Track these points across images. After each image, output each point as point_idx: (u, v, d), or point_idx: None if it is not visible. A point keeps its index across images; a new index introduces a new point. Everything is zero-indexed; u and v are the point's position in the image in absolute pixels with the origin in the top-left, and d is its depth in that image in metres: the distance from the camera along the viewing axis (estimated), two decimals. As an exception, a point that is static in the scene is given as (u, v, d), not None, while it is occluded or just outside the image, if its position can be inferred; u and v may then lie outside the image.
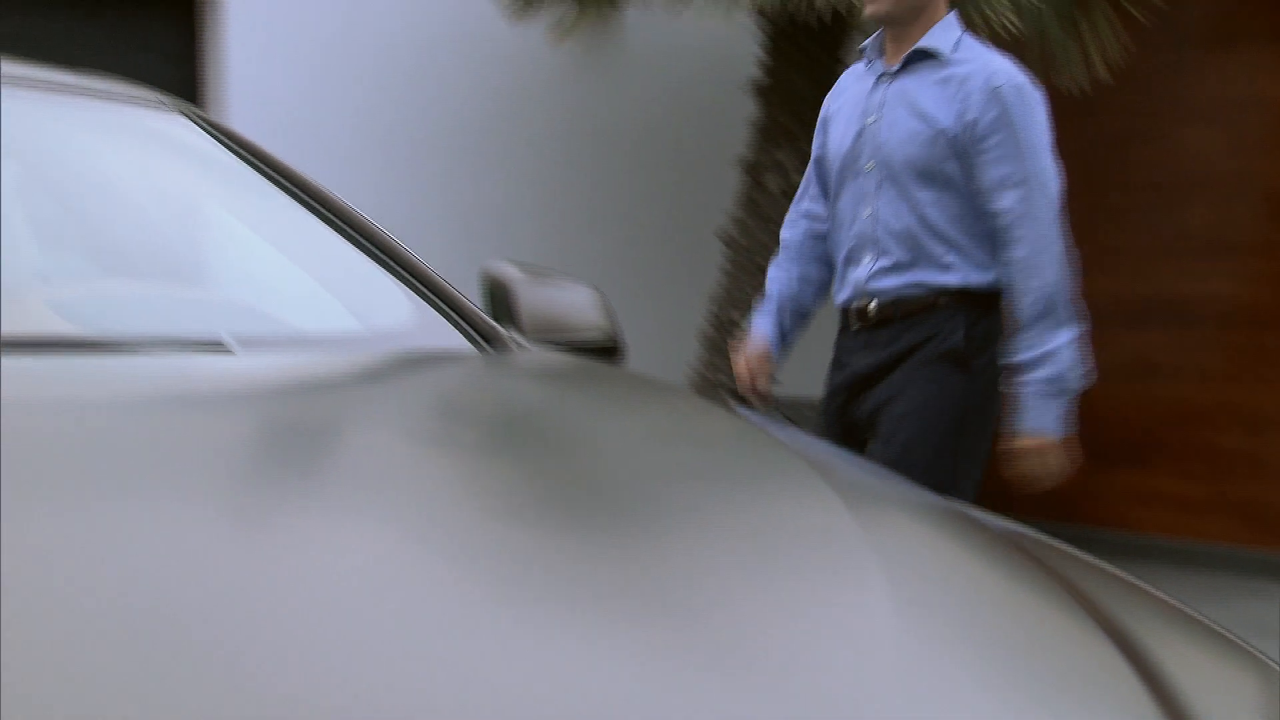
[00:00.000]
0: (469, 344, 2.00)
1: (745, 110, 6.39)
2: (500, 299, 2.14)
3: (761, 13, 5.84)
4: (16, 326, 1.80)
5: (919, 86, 3.26)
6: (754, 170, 6.18)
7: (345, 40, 6.48)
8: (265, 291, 2.15)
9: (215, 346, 1.77)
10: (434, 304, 2.07)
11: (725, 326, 6.10)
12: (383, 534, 1.17)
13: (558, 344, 2.11)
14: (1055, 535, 1.67)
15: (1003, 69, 3.22)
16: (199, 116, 2.26)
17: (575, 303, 2.18)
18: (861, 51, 3.43)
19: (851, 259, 3.34)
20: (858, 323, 3.35)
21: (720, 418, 1.92)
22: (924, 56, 3.27)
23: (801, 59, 6.08)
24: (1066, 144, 7.67)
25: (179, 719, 0.83)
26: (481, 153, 6.90)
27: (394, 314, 2.07)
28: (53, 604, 0.95)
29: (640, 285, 6.99)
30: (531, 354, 2.04)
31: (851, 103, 3.39)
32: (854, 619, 1.07)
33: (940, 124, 3.22)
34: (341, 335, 2.03)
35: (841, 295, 3.39)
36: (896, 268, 3.28)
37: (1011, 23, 5.37)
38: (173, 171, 2.29)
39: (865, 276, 3.31)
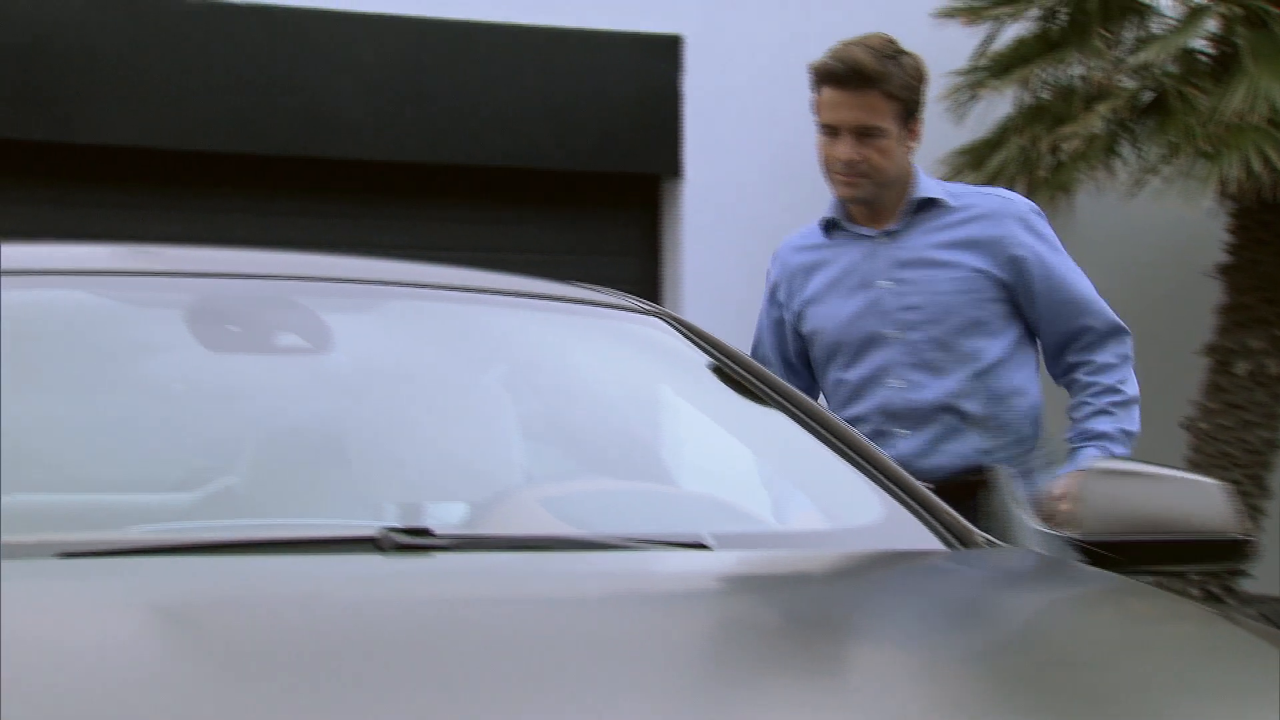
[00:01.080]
0: (938, 541, 1.99)
1: (1208, 294, 6.16)
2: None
3: (1226, 193, 5.65)
4: (512, 525, 1.92)
5: (931, 236, 3.01)
6: (1220, 356, 5.93)
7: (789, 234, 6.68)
8: (740, 490, 2.21)
9: (695, 545, 1.83)
10: (903, 501, 2.07)
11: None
12: None
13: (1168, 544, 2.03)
14: None
15: (1016, 198, 3.11)
16: (676, 321, 2.37)
17: (1198, 497, 2.06)
18: (832, 223, 3.11)
19: (879, 435, 2.99)
20: None
21: (1206, 621, 1.83)
22: (927, 207, 3.01)
23: (1272, 240, 5.84)
24: None
25: None
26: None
27: (865, 511, 2.08)
28: None
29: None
30: (1001, 552, 2.00)
31: (837, 273, 3.09)
32: None
33: (975, 266, 2.97)
34: (813, 533, 2.07)
35: None
36: (947, 437, 2.96)
37: None
38: (651, 375, 2.41)
39: (911, 453, 2.96)
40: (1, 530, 1.62)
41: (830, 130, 3.00)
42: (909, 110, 3.01)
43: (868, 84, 2.95)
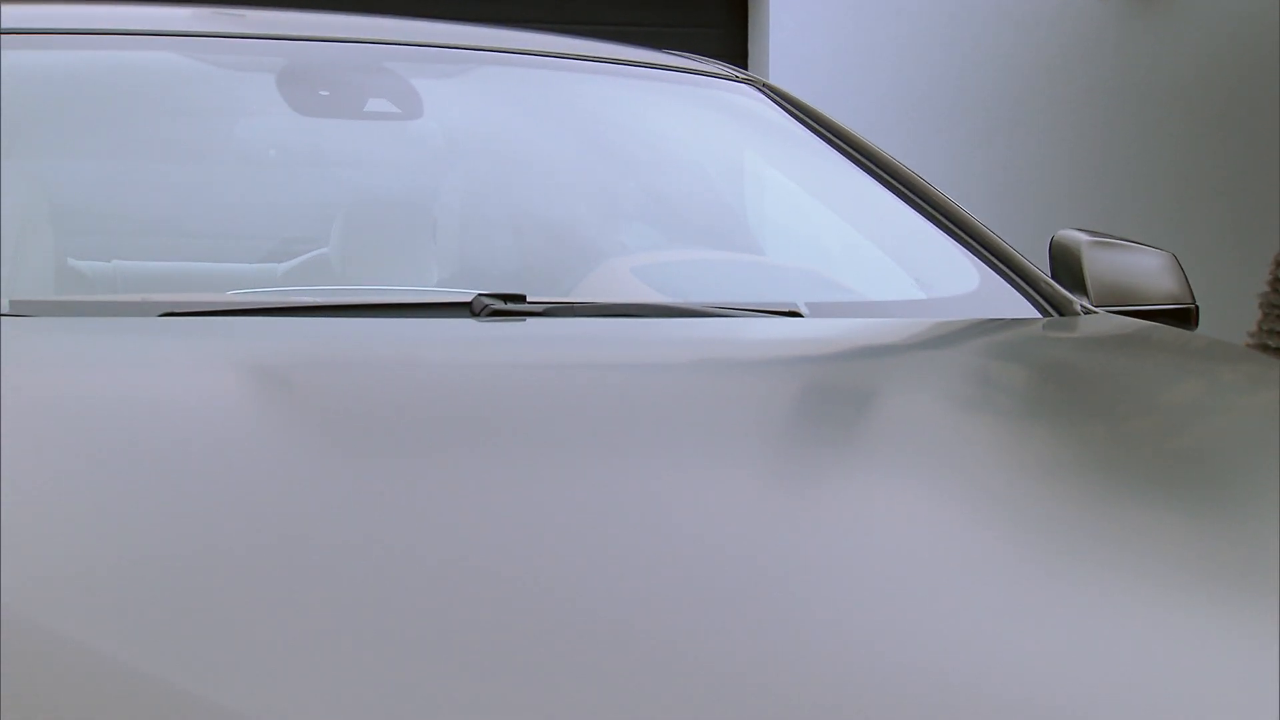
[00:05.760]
0: (1036, 310, 1.98)
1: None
2: (1067, 265, 2.10)
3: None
4: (605, 293, 1.92)
5: None
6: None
7: (882, 5, 6.50)
8: (834, 260, 2.19)
9: (788, 313, 1.82)
10: (1000, 270, 2.05)
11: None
12: (929, 502, 1.16)
13: (1129, 310, 2.05)
14: None
15: None
16: (770, 89, 2.32)
17: (1147, 268, 2.11)
18: None
19: None
20: None
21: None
22: None
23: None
24: None
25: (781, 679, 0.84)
26: (1019, 114, 6.75)
27: (961, 281, 2.06)
28: (625, 542, 1.01)
29: (1192, 248, 6.66)
30: (1100, 320, 1.98)
31: None
32: None
33: None
34: (909, 302, 2.05)
35: None
36: None
37: None
38: (744, 144, 2.37)
39: None
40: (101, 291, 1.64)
41: None
42: None
43: None
